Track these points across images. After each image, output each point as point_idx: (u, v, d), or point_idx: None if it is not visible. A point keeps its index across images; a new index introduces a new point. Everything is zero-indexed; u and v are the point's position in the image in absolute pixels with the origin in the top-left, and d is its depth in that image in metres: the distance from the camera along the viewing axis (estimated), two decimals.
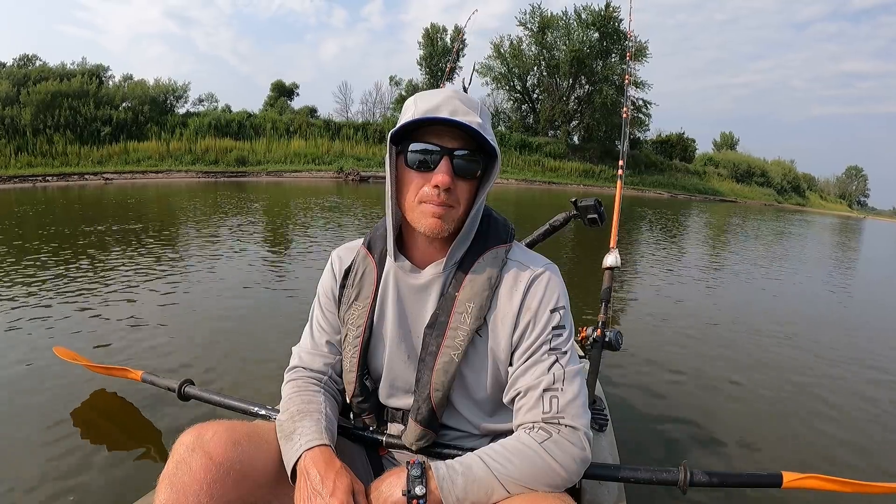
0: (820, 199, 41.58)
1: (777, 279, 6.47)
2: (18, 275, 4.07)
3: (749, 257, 8.28)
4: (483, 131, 0.81)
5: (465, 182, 0.85)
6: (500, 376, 0.90)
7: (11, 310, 3.23)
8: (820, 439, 2.30)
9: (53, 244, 5.31)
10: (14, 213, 8.20)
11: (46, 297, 3.53)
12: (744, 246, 9.98)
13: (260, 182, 18.00)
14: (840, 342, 3.84)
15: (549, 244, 1.85)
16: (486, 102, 33.35)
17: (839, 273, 7.76)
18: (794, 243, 11.51)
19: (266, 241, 6.42)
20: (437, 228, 0.84)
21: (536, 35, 30.78)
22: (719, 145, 46.51)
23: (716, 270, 6.72)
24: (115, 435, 1.93)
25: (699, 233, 11.71)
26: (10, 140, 16.50)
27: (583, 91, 31.05)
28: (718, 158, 37.53)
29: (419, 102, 0.84)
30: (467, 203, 0.86)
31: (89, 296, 3.61)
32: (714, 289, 5.44)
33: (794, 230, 15.58)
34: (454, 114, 0.81)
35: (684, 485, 1.01)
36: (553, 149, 28.69)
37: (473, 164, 0.84)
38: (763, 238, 11.96)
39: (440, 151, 0.82)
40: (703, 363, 3.13)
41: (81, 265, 4.50)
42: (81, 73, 20.04)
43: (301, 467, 0.80)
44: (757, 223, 16.19)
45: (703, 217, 16.67)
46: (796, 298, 5.46)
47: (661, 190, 29.25)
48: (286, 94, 28.49)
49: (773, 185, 36.31)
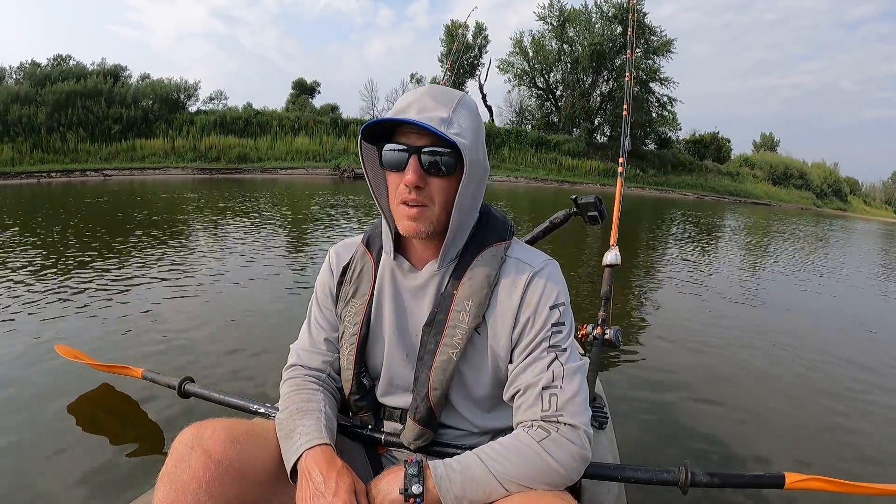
0: (864, 204, 39.49)
1: (781, 277, 6.45)
2: (19, 273, 4.08)
3: (751, 256, 8.26)
4: (446, 126, 0.80)
5: (439, 179, 0.83)
6: (499, 374, 0.89)
7: (12, 308, 3.24)
8: (823, 440, 2.29)
9: (53, 242, 5.32)
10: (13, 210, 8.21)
11: (47, 295, 3.54)
12: (745, 245, 9.95)
13: (255, 179, 18.02)
14: (841, 342, 3.83)
15: (548, 241, 1.84)
16: (509, 100, 32.72)
17: (847, 273, 7.73)
18: (819, 246, 11.43)
19: (266, 240, 6.42)
20: (412, 230, 0.85)
21: (556, 29, 29.61)
22: (759, 146, 44.62)
23: (717, 270, 6.69)
24: (115, 432, 1.93)
25: (706, 233, 11.65)
26: (26, 138, 17.22)
27: (606, 87, 29.85)
28: (755, 160, 35.96)
29: (398, 102, 0.85)
30: (445, 201, 0.85)
31: (90, 293, 3.61)
32: (715, 288, 5.42)
33: (832, 234, 14.58)
34: (422, 111, 0.81)
35: (685, 485, 1.00)
36: (572, 147, 27.77)
37: (442, 159, 0.82)
38: (780, 238, 11.91)
39: (407, 150, 0.82)
40: (706, 362, 3.11)
41: (81, 263, 4.51)
42: (98, 74, 20.51)
43: (302, 467, 0.80)
44: (781, 226, 15.63)
45: (718, 219, 15.72)
46: (799, 297, 5.44)
47: (687, 191, 27.66)
48: (307, 92, 28.48)
49: (813, 188, 34.32)
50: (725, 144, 34.70)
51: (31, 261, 4.46)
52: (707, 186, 28.84)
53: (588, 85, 29.97)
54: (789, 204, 29.87)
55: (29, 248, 4.95)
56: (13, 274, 4.01)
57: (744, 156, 36.88)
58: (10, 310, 3.18)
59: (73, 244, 5.24)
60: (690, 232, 11.08)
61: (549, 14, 29.44)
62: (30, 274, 4.04)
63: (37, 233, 5.84)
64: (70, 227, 6.40)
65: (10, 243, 5.16)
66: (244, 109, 23.74)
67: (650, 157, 29.07)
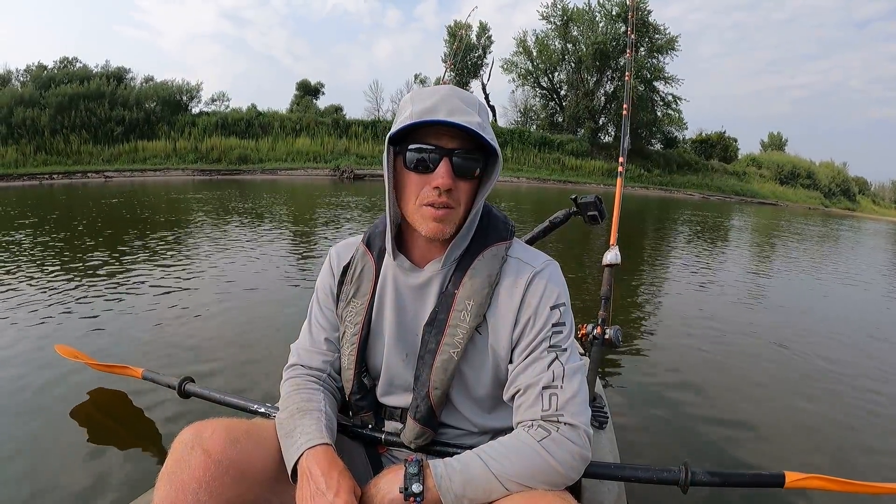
0: (872, 204, 38.66)
1: (782, 277, 6.44)
2: (19, 272, 4.09)
3: (752, 256, 8.25)
4: (482, 131, 0.80)
5: (465, 182, 0.84)
6: (500, 374, 0.89)
7: (12, 307, 3.24)
8: (823, 439, 2.28)
9: (53, 240, 5.33)
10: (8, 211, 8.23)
11: (47, 294, 3.54)
12: (746, 244, 9.94)
13: (254, 180, 18.03)
14: (843, 342, 3.82)
15: (549, 240, 1.84)
16: (513, 100, 32.38)
17: (846, 274, 7.72)
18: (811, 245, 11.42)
19: (266, 240, 6.42)
20: (438, 232, 0.84)
21: (560, 28, 29.38)
22: (766, 146, 44.02)
23: (717, 270, 6.69)
24: (115, 432, 1.94)
25: (705, 231, 11.65)
26: (30, 140, 17.40)
27: (610, 86, 29.67)
28: (762, 159, 35.57)
29: (416, 102, 0.83)
30: (468, 203, 0.86)
31: (90, 293, 3.62)
32: (716, 288, 5.41)
33: (841, 233, 14.50)
34: (452, 113, 0.80)
35: (685, 484, 1.00)
36: (576, 147, 27.53)
37: (473, 163, 0.83)
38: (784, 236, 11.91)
39: (439, 152, 0.82)
40: (705, 361, 3.11)
41: (81, 262, 4.51)
42: (101, 76, 20.64)
43: (303, 466, 0.80)
44: (783, 224, 15.65)
45: (723, 218, 15.63)
46: (799, 298, 5.44)
47: (692, 190, 27.35)
48: (311, 93, 28.48)
49: (821, 187, 33.91)
50: (732, 144, 34.43)
51: (32, 260, 4.46)
52: (713, 186, 28.63)
53: (592, 84, 29.78)
54: (796, 204, 29.58)
55: (29, 248, 4.96)
56: (14, 273, 4.01)
57: (751, 155, 36.55)
58: (10, 310, 3.19)
59: (74, 244, 5.25)
60: (693, 231, 11.07)
61: (553, 13, 29.29)
62: (30, 273, 4.04)
63: (41, 234, 5.85)
64: (73, 227, 6.41)
65: (9, 243, 5.17)
66: (248, 111, 23.78)
67: (655, 157, 28.94)
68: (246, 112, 23.65)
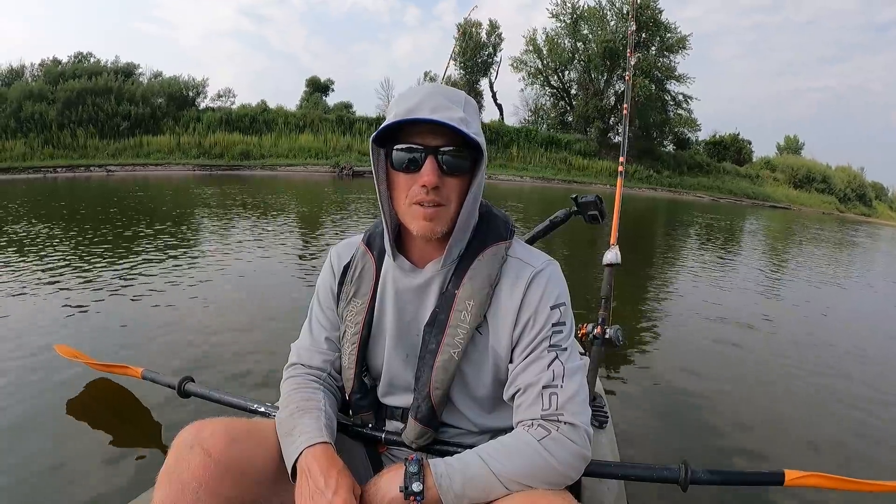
0: (889, 210, 37.14)
1: (783, 277, 6.43)
2: (19, 271, 4.09)
3: (753, 257, 8.24)
4: (465, 126, 0.79)
5: (454, 179, 0.84)
6: (500, 374, 0.89)
7: (12, 306, 3.25)
8: (822, 437, 2.28)
9: (52, 240, 5.33)
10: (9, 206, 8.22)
11: (47, 293, 3.55)
12: (751, 247, 9.93)
13: (254, 176, 18.04)
14: (842, 340, 3.82)
15: (549, 240, 1.84)
16: (524, 99, 32.02)
17: (849, 273, 7.71)
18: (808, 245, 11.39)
19: (267, 240, 6.42)
20: (429, 231, 0.84)
21: (569, 27, 28.87)
22: (782, 149, 42.58)
23: (718, 268, 6.69)
24: (115, 432, 1.94)
25: (713, 234, 11.61)
26: (38, 134, 17.54)
27: (621, 86, 28.55)
28: (777, 162, 34.62)
29: (400, 102, 0.83)
30: (459, 200, 0.85)
31: (90, 293, 3.62)
32: (716, 286, 5.41)
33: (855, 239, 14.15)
34: (435, 110, 0.79)
35: (685, 482, 1.00)
36: (583, 146, 27.06)
37: (460, 160, 0.83)
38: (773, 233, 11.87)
39: (424, 150, 0.81)
40: (706, 361, 3.12)
41: (81, 261, 4.52)
42: (110, 71, 20.71)
43: (302, 465, 0.80)
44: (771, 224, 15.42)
45: (730, 222, 15.19)
46: (799, 297, 5.43)
47: (702, 193, 26.68)
48: (321, 90, 28.43)
49: (836, 192, 32.73)
50: (746, 146, 33.84)
51: (31, 260, 4.47)
52: (724, 189, 27.94)
53: (602, 84, 29.33)
54: (810, 208, 28.82)
55: (29, 247, 4.96)
56: (13, 273, 4.02)
57: (765, 158, 35.77)
58: (10, 309, 3.19)
59: (74, 241, 5.25)
60: (695, 233, 11.05)
61: (562, 11, 28.85)
62: (30, 273, 4.05)
63: (39, 230, 5.84)
64: (74, 224, 6.40)
65: (10, 243, 5.17)
66: (256, 107, 23.76)
67: (666, 158, 28.53)
68: (253, 108, 23.66)
